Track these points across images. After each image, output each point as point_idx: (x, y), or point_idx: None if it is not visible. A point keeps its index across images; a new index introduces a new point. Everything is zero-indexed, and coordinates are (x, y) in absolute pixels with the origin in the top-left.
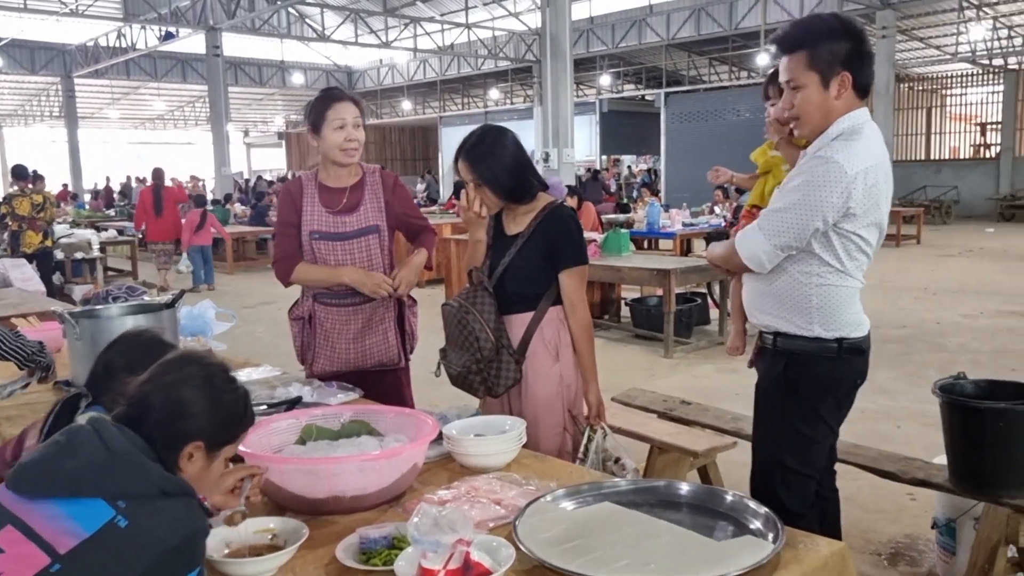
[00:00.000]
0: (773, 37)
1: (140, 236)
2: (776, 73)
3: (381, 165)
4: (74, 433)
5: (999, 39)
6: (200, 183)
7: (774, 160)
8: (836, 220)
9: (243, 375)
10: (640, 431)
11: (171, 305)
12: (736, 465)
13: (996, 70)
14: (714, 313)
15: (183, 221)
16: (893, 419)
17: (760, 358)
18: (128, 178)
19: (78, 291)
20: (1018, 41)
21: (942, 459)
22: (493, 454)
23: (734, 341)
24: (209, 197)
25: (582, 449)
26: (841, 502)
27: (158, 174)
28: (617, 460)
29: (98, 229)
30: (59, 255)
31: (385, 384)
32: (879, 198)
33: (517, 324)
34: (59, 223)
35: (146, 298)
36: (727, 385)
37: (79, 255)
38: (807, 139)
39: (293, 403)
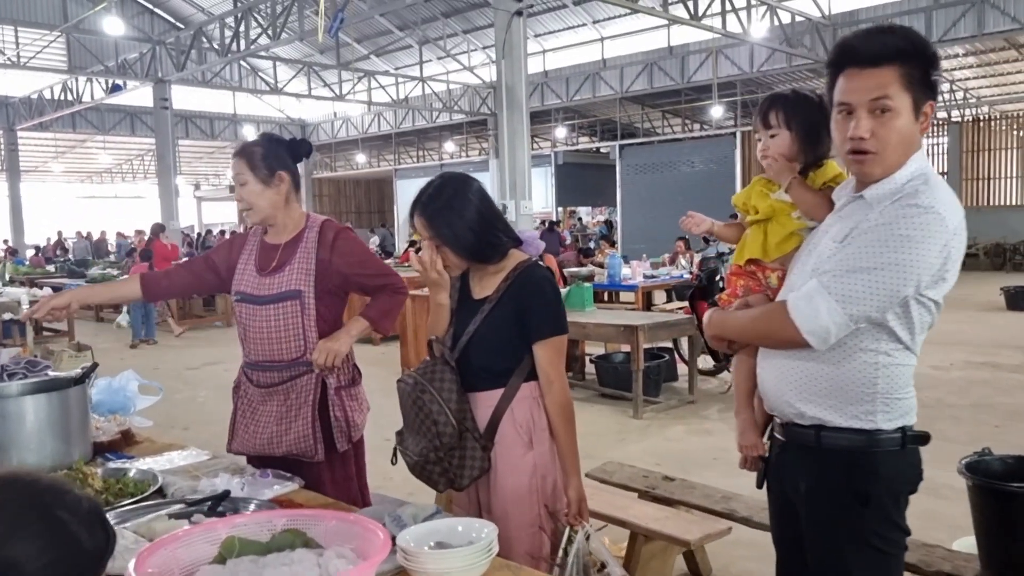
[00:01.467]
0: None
1: None
2: (775, 97)
3: (334, 217)
4: None
5: (943, 92)
6: (145, 237)
7: (780, 205)
8: (928, 285)
9: (163, 462)
10: (621, 515)
11: (81, 380)
12: (724, 546)
13: (941, 122)
14: (682, 369)
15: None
16: None
17: (783, 459)
18: (78, 233)
19: (6, 353)
20: (960, 95)
21: (961, 543)
22: (456, 570)
23: (748, 437)
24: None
25: (560, 552)
26: None
27: (155, 229)
28: (602, 568)
29: (38, 287)
30: None
31: (304, 476)
32: (962, 257)
33: (484, 403)
34: None
35: (51, 372)
36: (703, 449)
37: (7, 316)
38: (871, 178)
39: (218, 500)
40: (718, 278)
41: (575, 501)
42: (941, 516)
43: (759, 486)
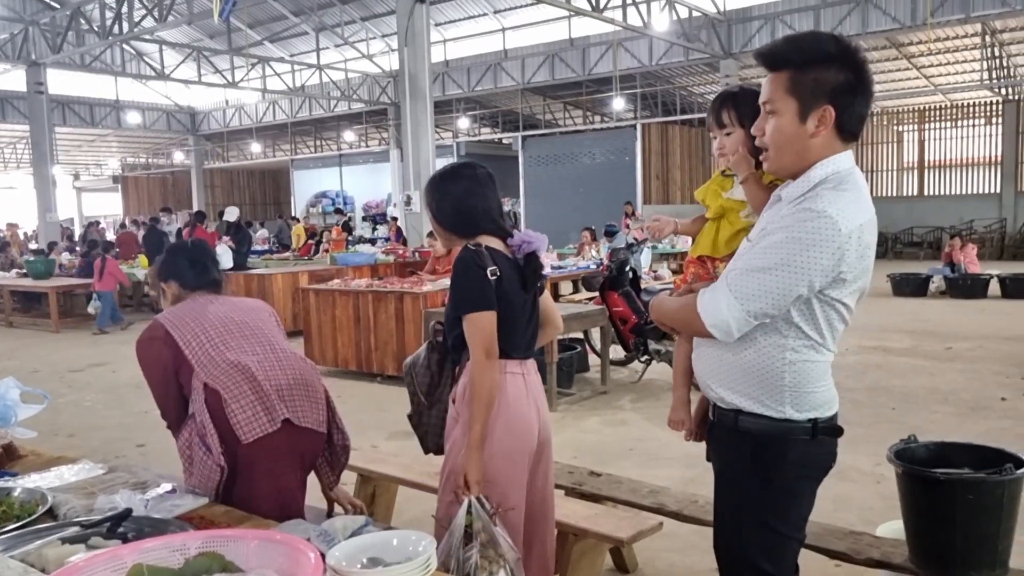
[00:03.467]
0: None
1: None
2: (726, 95)
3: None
4: None
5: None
6: (20, 231)
7: (729, 204)
8: (823, 286)
9: (52, 478)
10: None
11: None
12: (649, 539)
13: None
14: (594, 360)
15: None
16: None
17: (713, 435)
18: None
19: None
20: None
21: (885, 528)
22: None
23: (678, 413)
24: (32, 246)
25: (455, 523)
26: None
27: (197, 218)
28: (486, 544)
29: None
30: None
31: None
32: (870, 260)
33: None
34: None
35: None
36: (618, 440)
37: None
38: (775, 177)
39: (119, 520)
40: (628, 268)
41: (462, 469)
42: (851, 500)
43: (708, 459)
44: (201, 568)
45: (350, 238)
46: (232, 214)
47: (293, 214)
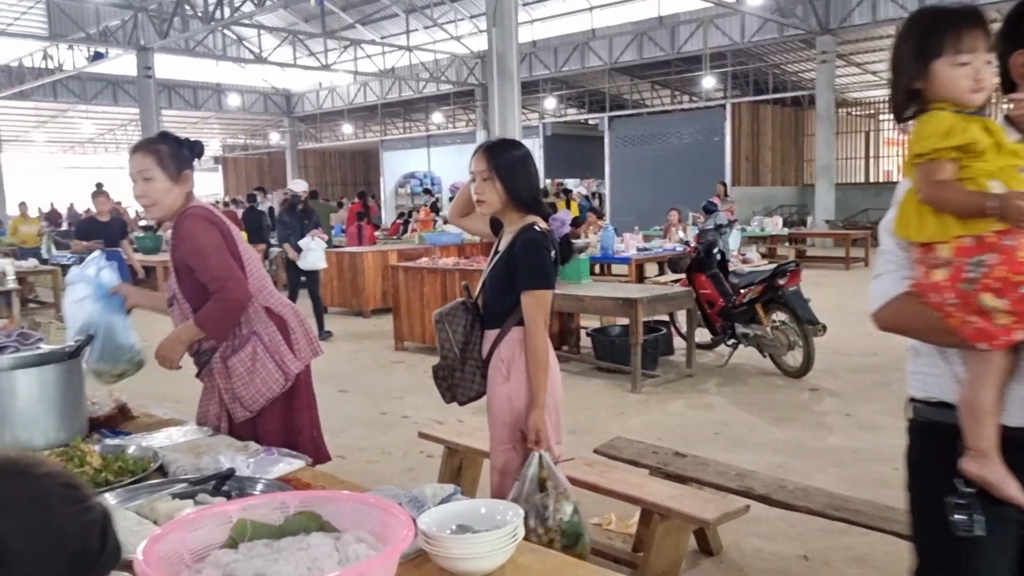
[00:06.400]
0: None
1: None
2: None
3: (319, 189)
4: None
5: None
6: (125, 209)
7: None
8: None
9: (162, 438)
10: (634, 493)
11: (75, 354)
12: (734, 522)
13: None
14: (679, 343)
15: None
16: (888, 460)
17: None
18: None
19: None
20: None
21: None
22: (482, 555)
23: (1011, 484)
24: (141, 223)
25: (522, 472)
26: (854, 564)
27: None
28: (546, 490)
29: (16, 258)
30: None
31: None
32: None
33: (487, 340)
34: None
35: (44, 346)
36: (703, 423)
37: None
38: None
39: (223, 478)
40: (715, 250)
41: (531, 429)
42: None
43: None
44: (300, 526)
45: (437, 218)
46: (299, 185)
47: (378, 194)
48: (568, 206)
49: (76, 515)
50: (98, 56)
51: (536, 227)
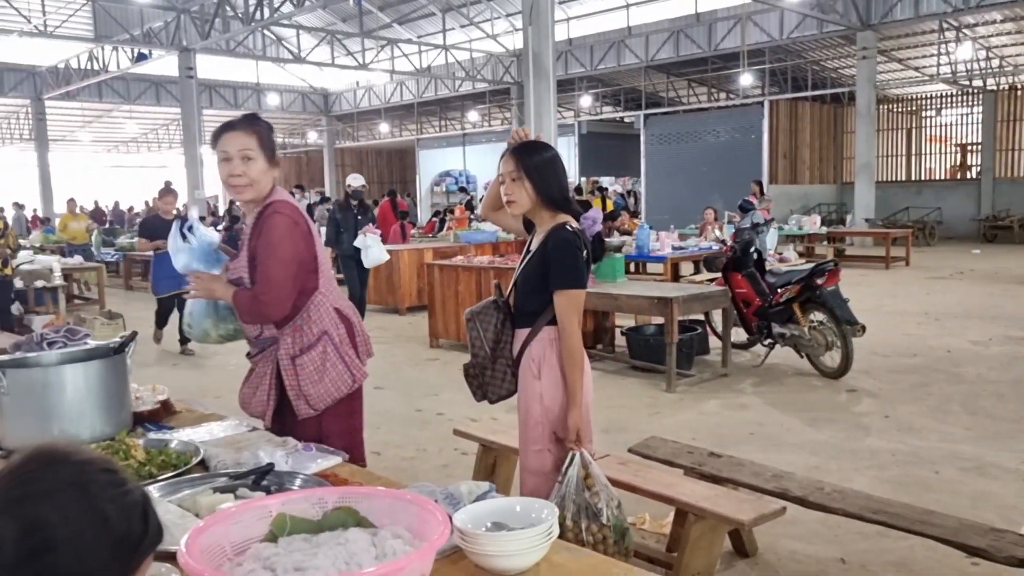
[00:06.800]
0: None
1: None
2: None
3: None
4: None
5: (979, 60)
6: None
7: None
8: None
9: (203, 433)
10: (668, 493)
11: (120, 350)
12: (770, 524)
13: (975, 91)
14: (714, 343)
15: None
16: (928, 462)
17: None
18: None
19: (39, 321)
20: (996, 63)
21: None
22: (517, 553)
23: None
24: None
25: (563, 472)
26: (892, 568)
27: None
28: (593, 486)
29: (63, 255)
30: (19, 284)
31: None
32: None
33: (518, 339)
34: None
35: (91, 342)
36: (739, 423)
37: (40, 283)
38: None
39: (263, 473)
40: (752, 249)
41: (571, 428)
42: (992, 497)
43: None
44: (338, 521)
45: (472, 216)
46: (357, 180)
47: (414, 192)
48: (603, 204)
49: (117, 499)
50: (142, 57)
51: (568, 226)
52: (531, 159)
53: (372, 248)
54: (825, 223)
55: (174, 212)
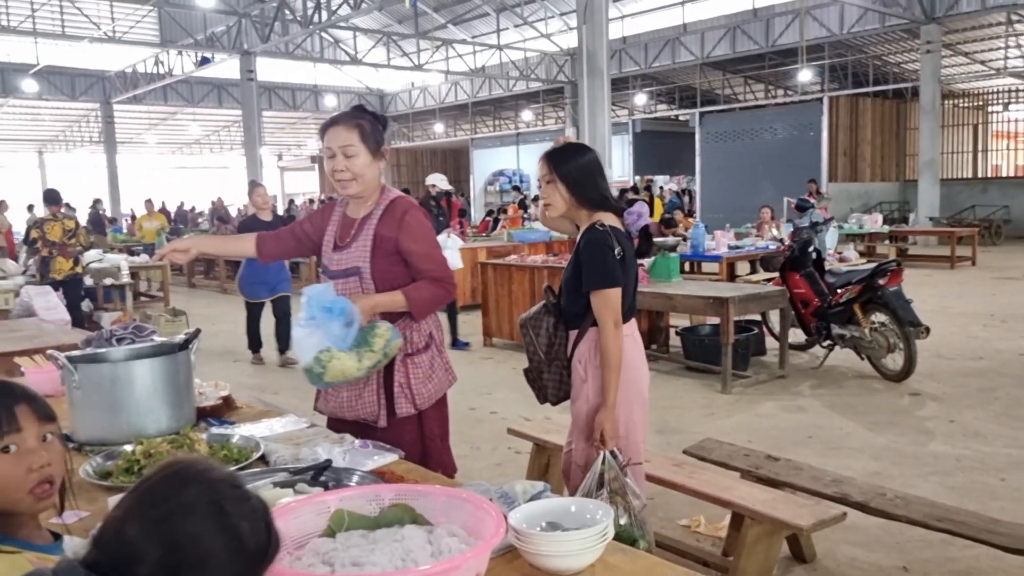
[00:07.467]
0: None
1: None
2: None
3: (410, 187)
4: None
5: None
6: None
7: None
8: None
9: (263, 428)
10: (724, 496)
11: (185, 346)
12: (828, 529)
13: None
14: (771, 343)
15: None
16: (994, 469)
17: None
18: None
19: (107, 318)
20: None
21: None
22: (572, 554)
23: None
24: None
25: (592, 473)
26: None
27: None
28: (615, 491)
29: (132, 254)
30: (89, 281)
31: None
32: None
33: (570, 341)
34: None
35: (157, 338)
36: (797, 426)
37: (108, 281)
38: None
39: (321, 469)
40: (811, 249)
41: (597, 428)
42: None
43: None
44: (394, 518)
45: (526, 215)
46: (442, 181)
47: (468, 191)
48: (651, 202)
49: (248, 515)
50: (204, 61)
51: (598, 226)
52: (563, 162)
53: (451, 251)
54: (887, 222)
55: (271, 206)
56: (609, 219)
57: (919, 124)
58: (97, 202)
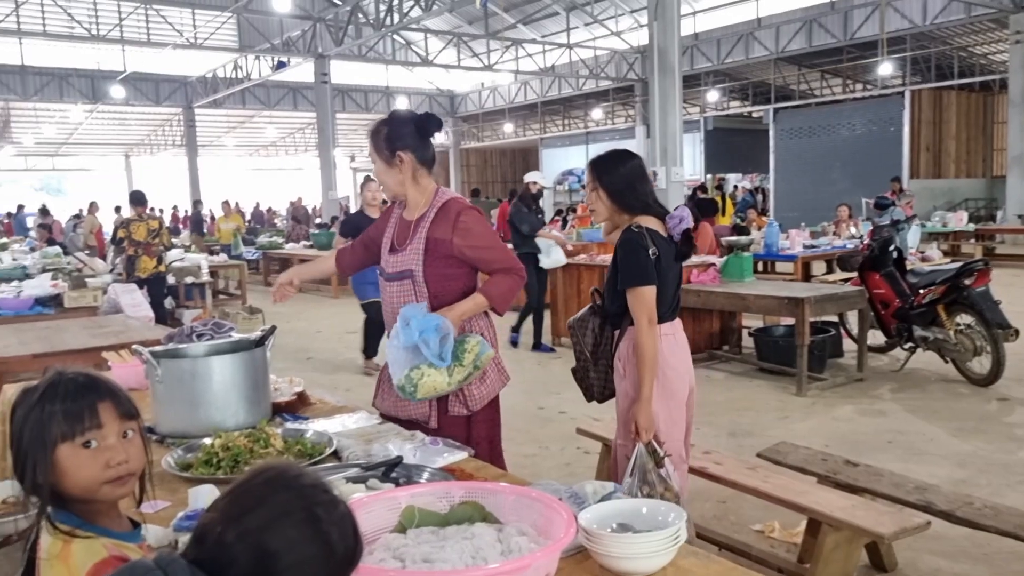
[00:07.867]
0: None
1: None
2: None
3: (480, 187)
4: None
5: None
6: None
7: None
8: None
9: (336, 424)
10: (801, 501)
11: (261, 343)
12: (911, 539)
13: None
14: (849, 345)
15: None
16: None
17: None
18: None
19: (188, 315)
20: None
21: None
22: (643, 556)
23: None
24: (317, 220)
25: (630, 465)
26: None
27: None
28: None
29: (212, 253)
30: (171, 280)
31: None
32: None
33: (615, 340)
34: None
35: (234, 335)
36: (875, 431)
37: (190, 279)
38: None
39: (392, 466)
40: (892, 248)
41: (631, 421)
42: None
43: None
44: (464, 516)
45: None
46: (541, 178)
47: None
48: (723, 202)
49: (338, 521)
50: (281, 65)
51: (633, 227)
52: (605, 171)
53: (554, 248)
54: (973, 220)
55: (381, 202)
56: (648, 222)
57: (1007, 118)
58: (198, 203)
